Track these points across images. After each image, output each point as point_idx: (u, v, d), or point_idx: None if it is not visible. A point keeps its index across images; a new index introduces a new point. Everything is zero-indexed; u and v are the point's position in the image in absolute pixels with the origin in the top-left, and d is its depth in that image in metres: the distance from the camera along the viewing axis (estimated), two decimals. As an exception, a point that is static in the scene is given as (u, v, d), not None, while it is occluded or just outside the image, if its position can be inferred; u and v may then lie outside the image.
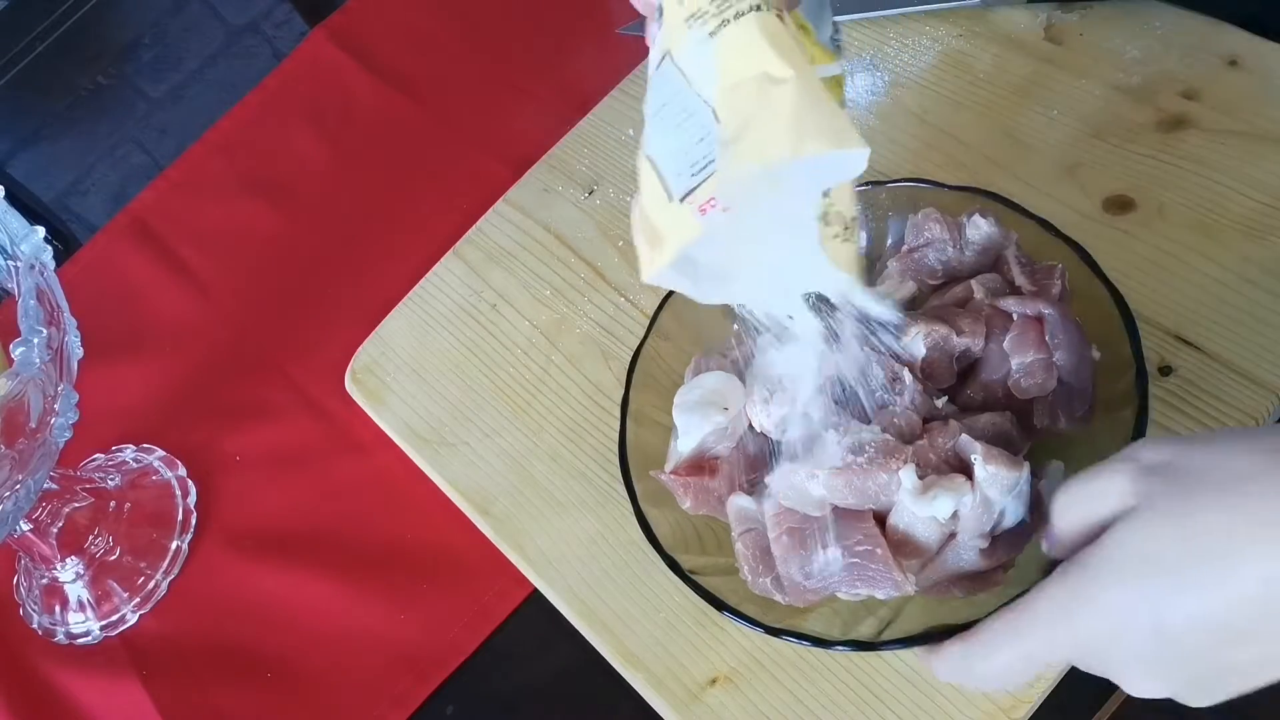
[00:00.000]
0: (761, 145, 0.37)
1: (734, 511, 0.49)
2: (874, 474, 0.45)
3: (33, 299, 0.55)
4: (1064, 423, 0.48)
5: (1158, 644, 0.36)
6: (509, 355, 0.67)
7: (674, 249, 0.40)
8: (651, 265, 0.41)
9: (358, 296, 0.75)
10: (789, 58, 0.37)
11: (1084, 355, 0.48)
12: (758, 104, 0.37)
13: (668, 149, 0.40)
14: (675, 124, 0.40)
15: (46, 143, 1.06)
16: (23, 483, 0.57)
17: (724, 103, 0.38)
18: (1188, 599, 0.35)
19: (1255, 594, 0.34)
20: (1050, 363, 0.48)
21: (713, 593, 0.47)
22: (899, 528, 0.45)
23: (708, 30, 0.39)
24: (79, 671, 0.67)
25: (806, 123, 0.36)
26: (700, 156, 0.39)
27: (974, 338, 0.49)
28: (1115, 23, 0.64)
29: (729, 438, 0.51)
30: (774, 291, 0.45)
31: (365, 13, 0.90)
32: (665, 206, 0.40)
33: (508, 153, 0.77)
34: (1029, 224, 0.52)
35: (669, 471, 0.52)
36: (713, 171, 0.38)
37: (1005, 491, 0.44)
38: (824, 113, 0.37)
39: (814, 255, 0.42)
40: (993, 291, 0.51)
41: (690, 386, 0.53)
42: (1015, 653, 0.39)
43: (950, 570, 0.45)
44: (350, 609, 0.64)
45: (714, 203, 0.38)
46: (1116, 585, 0.36)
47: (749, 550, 0.48)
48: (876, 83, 0.67)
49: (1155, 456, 0.37)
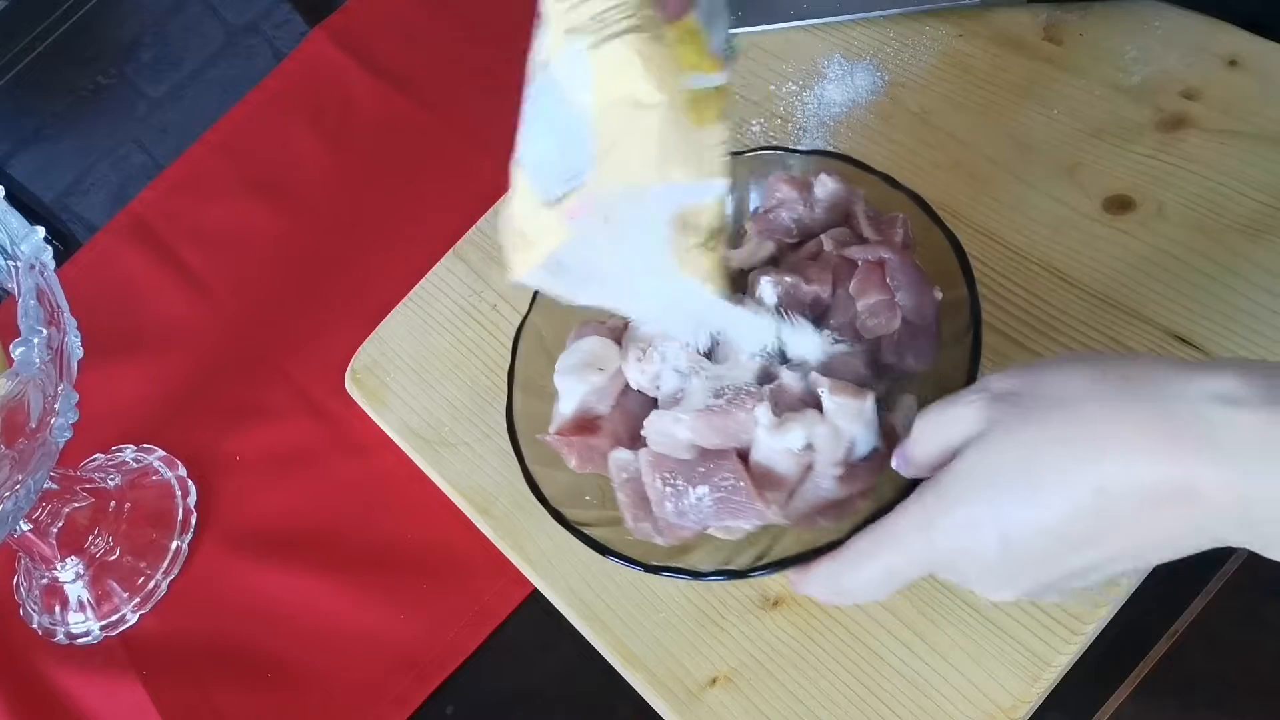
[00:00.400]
0: (628, 167, 0.39)
1: (613, 464, 0.52)
2: (733, 414, 0.49)
3: (33, 299, 0.55)
4: (911, 359, 0.51)
5: (1004, 553, 0.39)
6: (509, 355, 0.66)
7: (542, 252, 0.42)
8: (519, 268, 0.44)
9: (358, 296, 0.75)
10: (664, 85, 0.38)
11: (925, 295, 0.52)
12: (627, 126, 0.38)
13: (542, 156, 0.42)
14: (550, 132, 0.41)
15: (46, 143, 1.06)
16: (23, 483, 0.57)
17: (597, 119, 0.39)
18: (1028, 510, 0.38)
19: (1089, 503, 0.37)
20: (893, 303, 0.51)
21: (598, 540, 0.50)
22: (760, 462, 0.49)
23: (585, 44, 0.40)
24: (79, 671, 0.67)
25: (672, 150, 0.38)
26: (572, 166, 0.40)
27: (822, 285, 0.52)
28: (1115, 23, 0.64)
29: (607, 397, 0.55)
30: (636, 295, 0.48)
31: (365, 13, 0.90)
32: (535, 211, 0.42)
33: (508, 153, 0.76)
34: (874, 180, 0.55)
35: (553, 432, 0.54)
36: (583, 182, 0.40)
37: (853, 420, 0.47)
38: (690, 141, 0.38)
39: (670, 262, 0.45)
40: (841, 243, 0.54)
41: (570, 352, 0.56)
42: (878, 566, 0.43)
43: (813, 500, 0.48)
44: (350, 609, 0.64)
45: (582, 210, 0.40)
46: (965, 501, 0.40)
47: (628, 498, 0.51)
48: (876, 83, 0.67)
49: (1003, 385, 0.40)
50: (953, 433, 0.41)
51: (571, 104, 0.40)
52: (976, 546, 0.40)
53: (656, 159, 0.39)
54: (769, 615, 0.54)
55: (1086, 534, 0.38)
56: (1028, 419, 0.39)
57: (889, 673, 0.51)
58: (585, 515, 0.53)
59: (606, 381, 0.55)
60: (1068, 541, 0.38)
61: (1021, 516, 0.39)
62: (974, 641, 0.50)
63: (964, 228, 0.60)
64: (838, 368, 0.50)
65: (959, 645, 0.50)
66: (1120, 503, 0.36)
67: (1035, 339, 0.56)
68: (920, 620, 0.51)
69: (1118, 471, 0.36)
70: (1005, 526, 0.39)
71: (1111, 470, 0.36)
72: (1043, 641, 0.49)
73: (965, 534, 0.40)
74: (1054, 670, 0.48)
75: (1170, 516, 0.36)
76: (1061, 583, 0.40)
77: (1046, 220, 0.59)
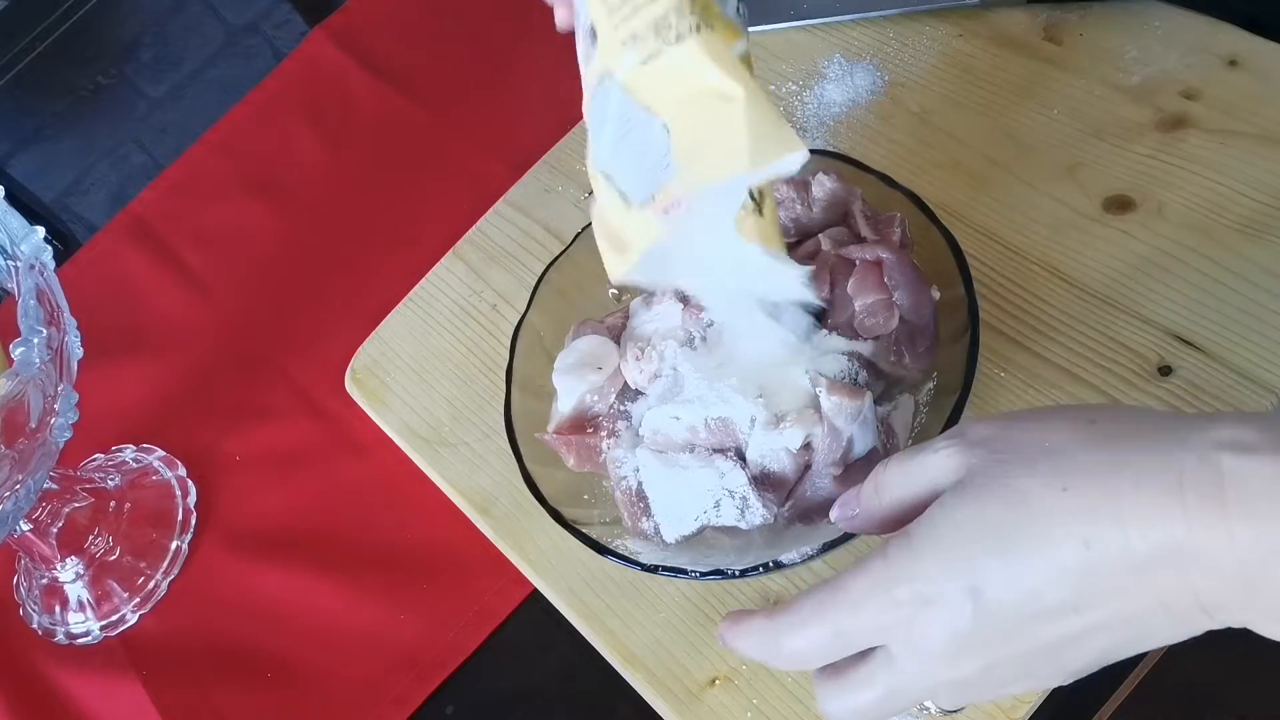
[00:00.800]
0: (721, 160, 0.40)
1: (611, 461, 0.53)
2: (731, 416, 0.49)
3: (33, 299, 0.55)
4: (908, 359, 0.52)
5: (974, 614, 0.35)
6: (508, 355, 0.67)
7: (639, 250, 0.43)
8: (619, 267, 0.45)
9: (358, 296, 0.75)
10: (735, 75, 0.39)
11: (923, 295, 0.52)
12: (711, 121, 0.40)
13: (618, 162, 0.43)
14: (624, 138, 0.42)
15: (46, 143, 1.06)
16: (23, 483, 0.57)
17: (676, 119, 0.40)
18: (1007, 565, 0.34)
19: (1075, 560, 0.33)
20: (890, 302, 0.51)
21: (597, 540, 0.50)
22: (758, 461, 0.49)
23: (647, 52, 0.41)
24: (79, 671, 0.67)
25: (760, 137, 0.39)
26: (653, 167, 0.41)
27: (820, 284, 0.52)
28: (1115, 23, 0.64)
29: (606, 396, 0.55)
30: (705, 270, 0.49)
31: (365, 13, 0.90)
32: (625, 213, 0.43)
33: (508, 153, 0.77)
34: (872, 179, 0.55)
35: (552, 431, 0.55)
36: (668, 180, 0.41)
37: (850, 419, 0.48)
38: (772, 124, 0.39)
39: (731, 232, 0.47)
40: (839, 242, 0.55)
41: (567, 351, 0.57)
42: (825, 630, 0.37)
43: (812, 500, 0.49)
44: (350, 609, 0.64)
45: (674, 207, 0.41)
46: (936, 553, 0.35)
47: (625, 496, 0.52)
48: (876, 83, 0.67)
49: (982, 432, 0.37)
50: (924, 481, 0.37)
51: (641, 109, 0.41)
52: (945, 607, 0.35)
53: (749, 148, 0.39)
54: (769, 615, 0.54)
55: (1070, 598, 0.33)
56: (1012, 466, 0.35)
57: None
58: (584, 514, 0.53)
59: (605, 381, 0.55)
60: (1048, 606, 0.34)
61: (999, 572, 0.34)
62: (974, 641, 0.50)
63: (963, 227, 0.60)
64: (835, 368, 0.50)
65: (959, 645, 0.50)
66: (1110, 561, 0.32)
67: (1034, 339, 0.56)
68: (920, 620, 0.51)
69: (1110, 524, 0.32)
70: (979, 581, 0.34)
71: (1104, 522, 0.32)
72: (1043, 641, 0.49)
73: (933, 589, 0.35)
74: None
75: (1165, 581, 0.32)
76: (1036, 663, 0.36)
77: (1046, 220, 0.59)
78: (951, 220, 0.57)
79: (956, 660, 0.36)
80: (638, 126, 0.41)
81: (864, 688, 0.38)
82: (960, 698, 0.38)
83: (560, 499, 0.52)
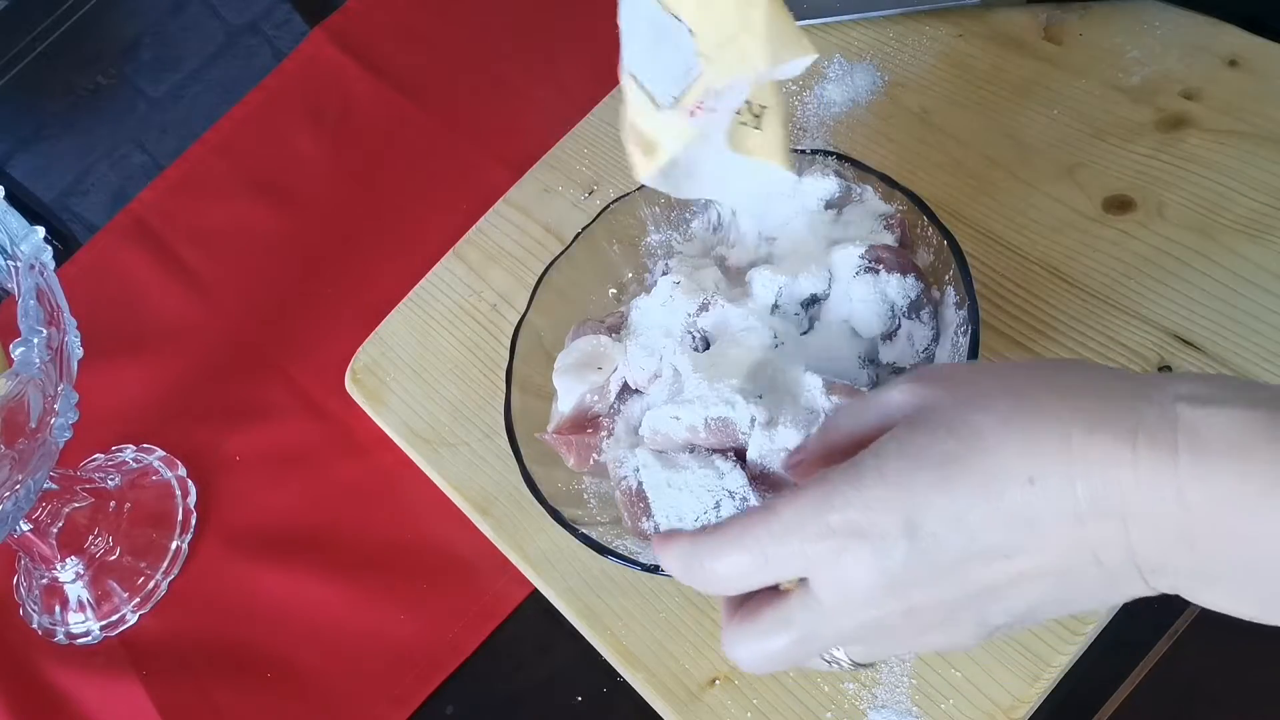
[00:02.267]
0: (742, 58, 0.42)
1: (611, 461, 0.53)
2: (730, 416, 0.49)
3: (33, 299, 0.55)
4: (908, 356, 0.52)
5: (908, 549, 0.33)
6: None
7: (669, 150, 0.46)
8: (647, 167, 0.47)
9: (358, 296, 0.75)
10: None
11: (921, 292, 0.52)
12: (735, 21, 0.42)
13: (648, 64, 0.45)
14: (651, 40, 0.45)
15: (46, 143, 1.06)
16: (23, 483, 0.57)
17: (699, 19, 0.42)
18: (948, 498, 0.33)
19: (1017, 501, 0.32)
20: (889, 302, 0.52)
21: (597, 540, 0.50)
22: (757, 461, 0.49)
23: None
24: (79, 671, 0.67)
25: (778, 35, 0.42)
26: (680, 69, 0.43)
27: (818, 281, 0.52)
28: (1115, 23, 0.64)
29: (606, 396, 0.55)
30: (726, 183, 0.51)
31: (365, 13, 0.90)
32: (653, 115, 0.45)
33: (508, 153, 0.77)
34: (873, 179, 0.55)
35: (552, 431, 0.55)
36: (695, 81, 0.43)
37: None
38: (789, 27, 0.42)
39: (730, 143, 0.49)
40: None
41: (567, 351, 0.57)
42: (750, 553, 0.35)
43: None
44: (350, 609, 0.64)
45: (700, 107, 0.44)
46: (878, 481, 0.33)
47: (626, 496, 0.51)
48: (876, 83, 0.67)
49: (944, 372, 0.36)
50: (875, 416, 0.36)
51: (669, 12, 0.43)
52: (878, 539, 0.33)
53: (766, 45, 0.42)
54: (769, 615, 0.54)
55: (1006, 540, 0.32)
56: (970, 403, 0.34)
57: (889, 673, 0.51)
58: (584, 514, 0.53)
59: (605, 380, 0.55)
60: (983, 548, 0.33)
61: (940, 506, 0.33)
62: (974, 641, 0.50)
63: (963, 227, 0.60)
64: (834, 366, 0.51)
65: (959, 645, 0.50)
66: (1052, 504, 0.32)
67: (1034, 339, 0.56)
68: (920, 620, 0.51)
69: (1057, 465, 0.31)
70: (918, 516, 0.33)
71: (1051, 463, 0.32)
72: (1043, 641, 0.49)
73: (868, 519, 0.33)
74: (1054, 670, 0.48)
75: (1103, 532, 0.32)
76: (959, 611, 0.34)
77: (1046, 220, 0.59)
78: (951, 220, 0.57)
79: (881, 599, 0.34)
80: (665, 30, 0.43)
81: (779, 629, 0.36)
82: (875, 645, 0.37)
83: (560, 499, 0.52)
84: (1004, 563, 0.33)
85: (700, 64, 0.43)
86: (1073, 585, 0.33)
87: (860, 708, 0.50)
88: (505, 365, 0.57)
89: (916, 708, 0.50)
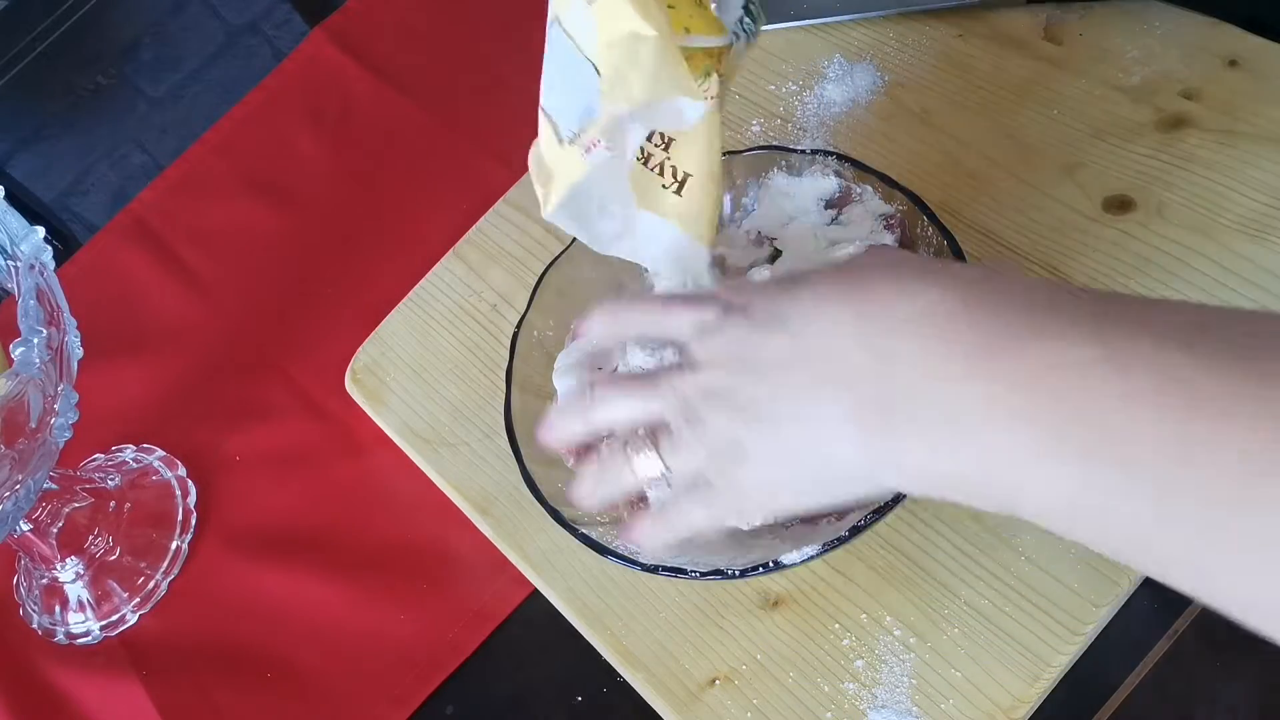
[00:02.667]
0: (628, 90, 0.44)
1: None
2: None
3: (33, 299, 0.55)
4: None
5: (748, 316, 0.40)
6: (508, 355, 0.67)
7: (565, 184, 0.47)
8: (547, 202, 0.49)
9: (358, 296, 0.75)
10: (652, 20, 0.42)
11: None
12: (627, 58, 0.43)
13: (560, 102, 0.47)
14: (566, 80, 0.46)
15: (46, 143, 1.06)
16: (23, 483, 0.57)
17: (602, 58, 0.44)
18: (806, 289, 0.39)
19: (848, 314, 0.37)
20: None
21: (597, 540, 0.50)
22: None
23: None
24: (79, 671, 0.67)
25: (662, 73, 0.43)
26: (585, 106, 0.45)
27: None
28: (1115, 23, 0.64)
29: None
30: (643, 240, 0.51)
31: (365, 13, 0.90)
32: (557, 150, 0.47)
33: (508, 153, 0.77)
34: (873, 179, 0.56)
35: None
36: (594, 118, 0.45)
37: None
38: (678, 68, 0.43)
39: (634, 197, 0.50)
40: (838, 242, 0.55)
41: (567, 351, 0.57)
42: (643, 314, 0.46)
43: None
44: (350, 609, 0.64)
45: (597, 143, 0.45)
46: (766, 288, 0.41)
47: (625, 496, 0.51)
48: (876, 83, 0.67)
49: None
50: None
51: (580, 52, 0.45)
52: (745, 313, 0.40)
53: (650, 81, 0.43)
54: (769, 615, 0.54)
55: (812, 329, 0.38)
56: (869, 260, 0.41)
57: (889, 673, 0.51)
58: (584, 515, 0.53)
59: None
60: (794, 330, 0.39)
61: (794, 292, 0.40)
62: (974, 641, 0.50)
63: (963, 227, 0.60)
64: None
65: (959, 645, 0.50)
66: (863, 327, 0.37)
67: (1035, 339, 0.56)
68: (921, 620, 0.51)
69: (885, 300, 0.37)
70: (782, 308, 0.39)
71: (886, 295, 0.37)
72: (1043, 641, 0.49)
73: (743, 299, 0.41)
74: (1054, 670, 0.48)
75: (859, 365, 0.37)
76: (752, 407, 0.40)
77: (1046, 220, 0.59)
78: (951, 220, 0.57)
79: (722, 362, 0.41)
80: (575, 70, 0.45)
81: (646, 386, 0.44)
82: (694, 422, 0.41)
83: (560, 499, 0.52)
84: (801, 360, 0.39)
85: (600, 103, 0.45)
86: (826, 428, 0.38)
87: (860, 708, 0.50)
88: (505, 365, 0.57)
89: (916, 708, 0.50)
